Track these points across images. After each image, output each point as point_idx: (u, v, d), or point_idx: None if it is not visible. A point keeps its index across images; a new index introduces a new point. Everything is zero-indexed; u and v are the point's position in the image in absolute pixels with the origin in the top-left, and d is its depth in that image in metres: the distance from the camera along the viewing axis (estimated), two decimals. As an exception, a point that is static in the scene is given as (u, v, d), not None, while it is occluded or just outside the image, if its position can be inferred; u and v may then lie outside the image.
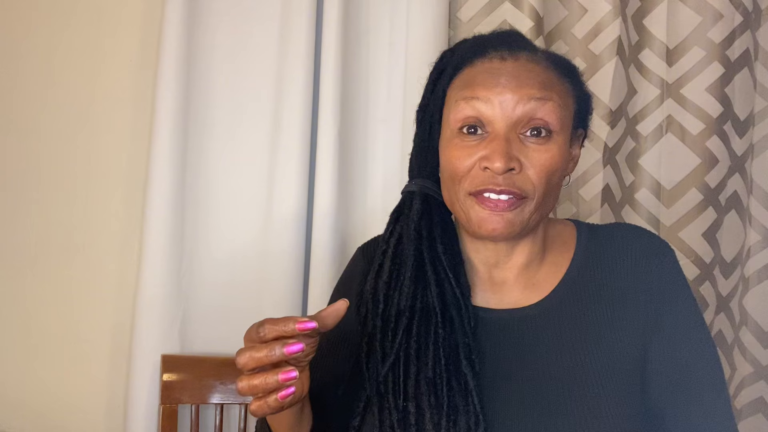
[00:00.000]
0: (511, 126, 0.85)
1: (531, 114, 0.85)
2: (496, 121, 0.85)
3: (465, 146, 0.86)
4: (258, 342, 0.74)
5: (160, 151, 1.31)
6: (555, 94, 0.86)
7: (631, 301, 0.90)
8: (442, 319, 0.87)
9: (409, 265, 0.89)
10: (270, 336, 0.73)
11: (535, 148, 0.85)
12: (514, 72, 0.86)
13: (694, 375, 0.88)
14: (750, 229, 1.52)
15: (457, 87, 0.89)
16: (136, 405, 1.32)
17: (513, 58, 0.88)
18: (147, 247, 1.32)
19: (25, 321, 1.40)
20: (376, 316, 0.89)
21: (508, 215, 0.85)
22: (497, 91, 0.85)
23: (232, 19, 1.38)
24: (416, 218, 0.92)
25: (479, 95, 0.86)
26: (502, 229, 0.85)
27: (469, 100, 0.86)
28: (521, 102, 0.85)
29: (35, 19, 1.40)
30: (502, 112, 0.85)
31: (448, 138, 0.89)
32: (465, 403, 0.83)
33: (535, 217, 0.87)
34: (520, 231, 0.87)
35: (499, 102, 0.85)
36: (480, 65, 0.89)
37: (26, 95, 1.40)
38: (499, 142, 0.84)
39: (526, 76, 0.86)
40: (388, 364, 0.86)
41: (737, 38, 1.41)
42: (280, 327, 0.73)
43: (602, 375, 0.86)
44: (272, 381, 0.72)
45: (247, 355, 0.73)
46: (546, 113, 0.85)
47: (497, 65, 0.88)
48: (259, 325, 0.74)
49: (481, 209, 0.85)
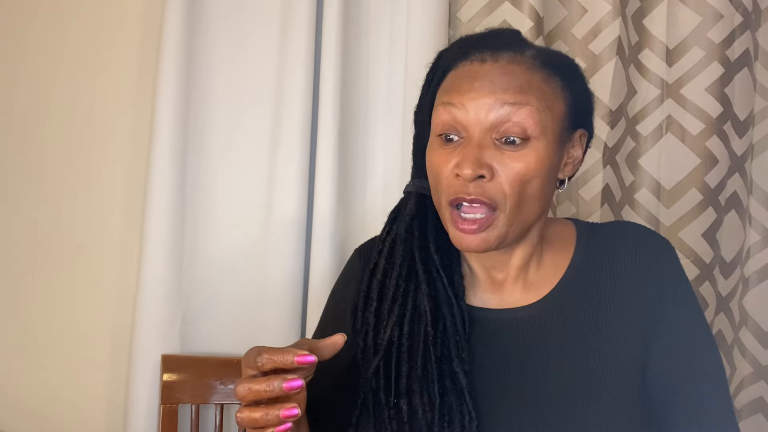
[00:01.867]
0: (484, 131, 0.84)
1: (505, 119, 0.83)
2: (470, 127, 0.84)
3: (443, 152, 0.86)
4: (255, 371, 0.72)
5: (160, 152, 1.31)
6: (533, 98, 0.84)
7: (631, 299, 0.90)
8: (432, 318, 0.87)
9: (398, 264, 0.90)
10: (268, 367, 0.71)
11: (509, 155, 0.84)
12: (490, 75, 0.85)
13: (696, 373, 0.88)
14: (750, 229, 1.52)
15: (441, 91, 0.89)
16: (136, 405, 1.32)
17: (493, 59, 0.86)
18: (147, 248, 1.32)
19: (25, 321, 1.40)
20: (370, 314, 0.89)
21: (480, 235, 0.84)
22: (470, 97, 0.84)
23: (232, 19, 1.38)
24: (408, 218, 0.92)
25: (454, 101, 0.85)
26: (477, 247, 0.85)
27: (446, 106, 0.86)
28: (494, 107, 0.83)
29: (35, 20, 1.40)
30: (476, 117, 0.84)
31: (431, 143, 0.89)
32: (458, 402, 0.84)
33: (514, 228, 0.86)
34: (499, 244, 0.86)
35: (474, 106, 0.84)
36: (461, 68, 0.88)
37: (26, 96, 1.40)
38: (471, 148, 0.83)
39: (501, 81, 0.84)
40: (377, 360, 0.86)
41: (737, 38, 1.41)
42: (278, 358, 0.71)
43: (603, 373, 0.86)
44: (273, 417, 0.70)
45: (246, 387, 0.71)
46: (522, 118, 0.83)
47: (476, 68, 0.86)
48: (257, 354, 0.72)
49: (453, 228, 0.86)
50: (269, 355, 0.71)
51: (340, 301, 0.99)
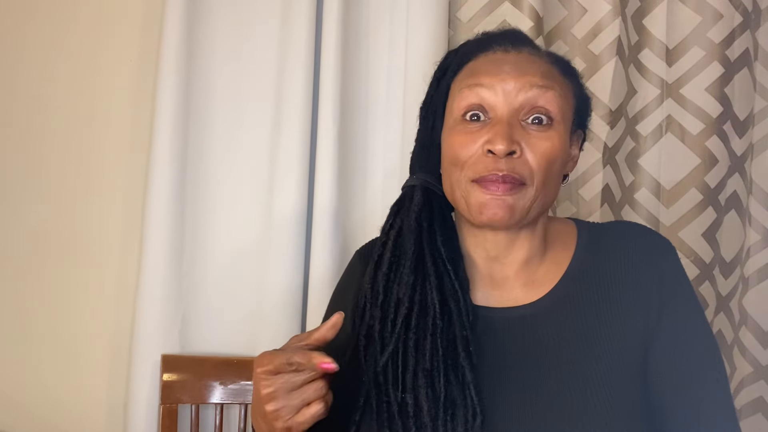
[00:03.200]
0: (513, 112, 0.87)
1: (533, 101, 0.87)
2: (499, 107, 0.87)
3: (468, 132, 0.88)
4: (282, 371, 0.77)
5: (161, 152, 1.32)
6: (557, 84, 0.89)
7: (632, 297, 0.90)
8: (440, 312, 0.87)
9: (409, 255, 0.90)
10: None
11: (536, 134, 0.87)
12: (516, 62, 0.89)
13: (696, 371, 0.88)
14: (750, 229, 1.52)
15: (461, 78, 0.92)
16: (136, 405, 1.32)
17: (516, 50, 0.91)
18: (147, 247, 1.32)
19: (25, 321, 1.40)
20: (375, 307, 0.89)
21: (508, 199, 0.85)
22: (500, 78, 0.87)
23: (232, 19, 1.38)
24: (417, 210, 0.92)
25: (483, 82, 0.88)
26: (503, 213, 0.86)
27: (473, 87, 0.88)
28: (524, 89, 0.87)
29: (35, 20, 1.40)
30: (505, 98, 0.87)
31: (451, 126, 0.90)
32: (462, 396, 0.84)
33: (536, 206, 0.88)
34: (520, 218, 0.87)
35: (502, 88, 0.87)
36: (484, 57, 0.92)
37: (26, 96, 1.40)
38: (502, 126, 0.86)
39: (528, 66, 0.89)
40: (387, 354, 0.86)
41: (737, 38, 1.41)
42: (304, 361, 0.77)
43: (603, 372, 0.86)
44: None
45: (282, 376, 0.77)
46: (547, 101, 0.87)
47: (500, 56, 0.91)
48: (289, 357, 0.76)
49: (481, 194, 0.86)
50: (299, 358, 0.76)
51: (341, 303, 0.99)
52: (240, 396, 1.32)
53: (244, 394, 1.32)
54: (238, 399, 1.32)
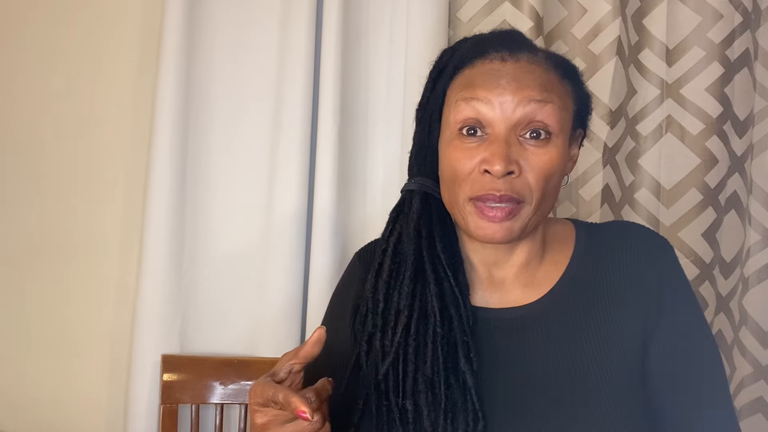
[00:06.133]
0: (510, 128, 0.85)
1: (531, 116, 0.85)
2: (496, 123, 0.85)
3: (465, 148, 0.86)
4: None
5: (160, 152, 1.32)
6: (555, 96, 0.86)
7: (631, 297, 0.90)
8: (440, 318, 0.87)
9: (409, 264, 0.89)
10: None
11: (534, 150, 0.85)
12: (514, 74, 0.86)
13: (695, 370, 0.88)
14: (750, 229, 1.52)
15: (457, 87, 0.89)
16: (136, 405, 1.32)
17: (513, 59, 0.88)
18: (147, 248, 1.32)
19: (25, 321, 1.40)
20: (376, 315, 0.89)
21: (506, 224, 0.85)
22: (497, 93, 0.85)
23: (232, 19, 1.38)
24: (415, 217, 0.92)
25: (479, 96, 0.86)
26: (501, 235, 0.85)
27: (469, 101, 0.86)
28: (521, 104, 0.84)
29: (35, 20, 1.40)
30: (502, 113, 0.85)
31: (448, 139, 0.89)
32: (464, 401, 0.84)
33: (534, 219, 0.87)
34: (520, 235, 0.87)
35: (499, 103, 0.85)
36: (480, 66, 0.88)
37: (26, 96, 1.40)
38: (499, 144, 0.84)
39: (526, 78, 0.86)
40: (387, 362, 0.86)
41: (737, 38, 1.41)
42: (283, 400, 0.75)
43: (603, 371, 0.86)
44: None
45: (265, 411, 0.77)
46: (546, 116, 0.85)
47: (498, 66, 0.87)
48: (273, 395, 0.75)
49: (479, 219, 0.85)
50: (282, 398, 0.74)
51: (340, 304, 0.99)
52: (240, 396, 1.32)
53: (244, 394, 1.32)
54: (238, 399, 1.32)
